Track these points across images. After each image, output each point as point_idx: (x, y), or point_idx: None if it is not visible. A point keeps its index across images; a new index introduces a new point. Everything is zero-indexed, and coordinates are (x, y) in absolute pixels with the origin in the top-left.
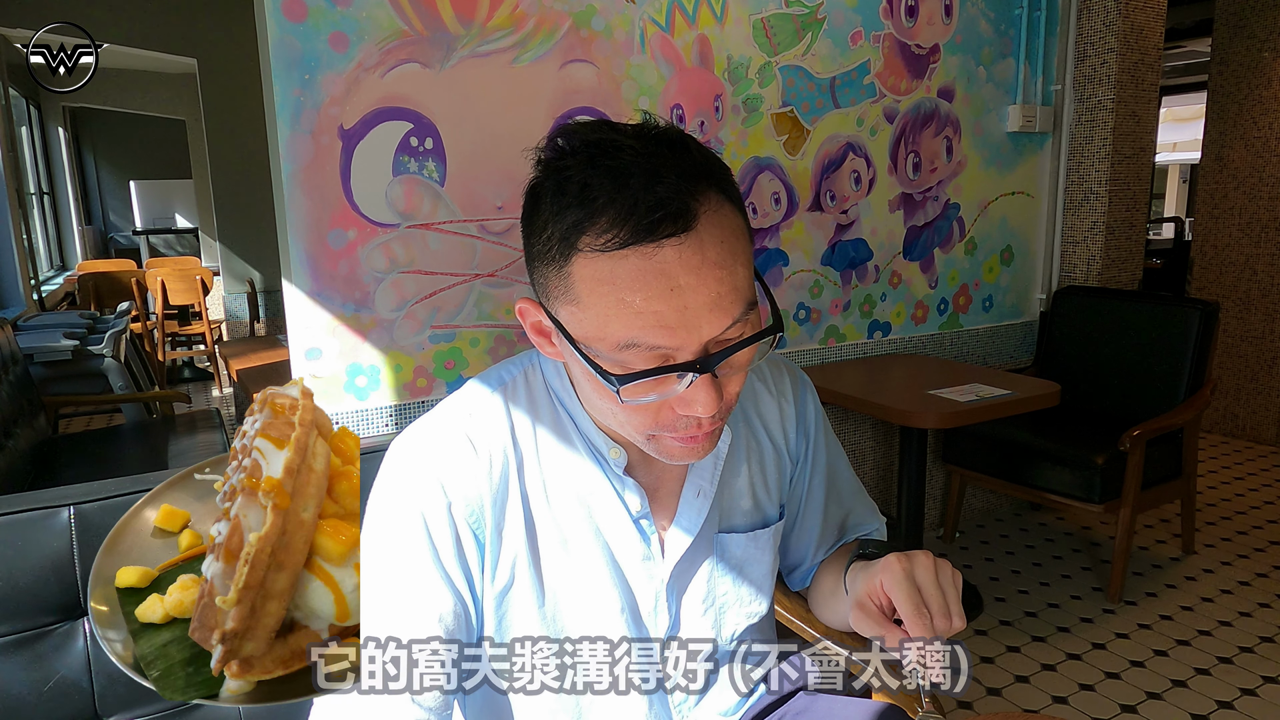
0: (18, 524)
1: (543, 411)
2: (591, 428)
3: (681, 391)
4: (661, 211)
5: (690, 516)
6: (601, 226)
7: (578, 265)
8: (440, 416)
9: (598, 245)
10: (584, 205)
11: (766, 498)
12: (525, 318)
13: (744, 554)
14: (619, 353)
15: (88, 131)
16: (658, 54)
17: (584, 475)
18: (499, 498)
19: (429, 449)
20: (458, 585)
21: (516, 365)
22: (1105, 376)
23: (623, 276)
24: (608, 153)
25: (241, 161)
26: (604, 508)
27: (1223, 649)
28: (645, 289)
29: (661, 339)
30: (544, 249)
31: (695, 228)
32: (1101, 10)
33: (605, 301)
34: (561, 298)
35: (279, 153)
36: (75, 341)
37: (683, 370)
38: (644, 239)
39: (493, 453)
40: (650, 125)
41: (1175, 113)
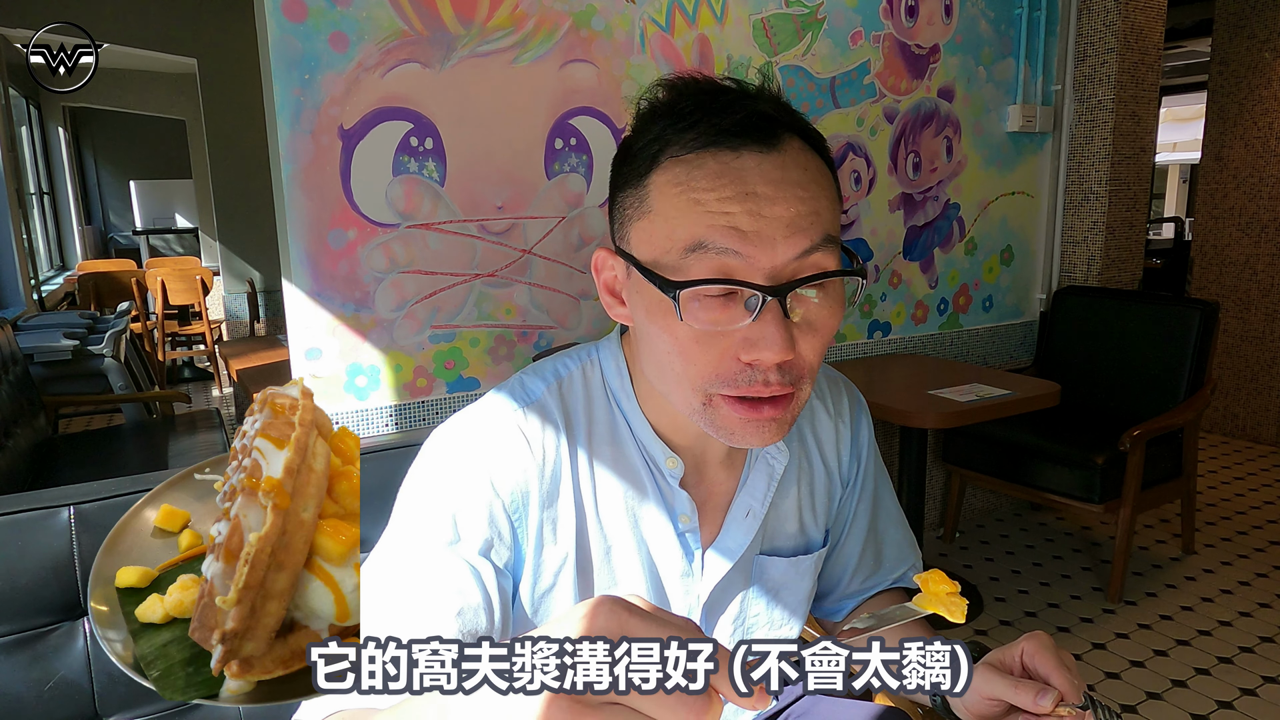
0: (18, 524)
1: (598, 411)
2: (648, 434)
3: (747, 325)
4: (746, 120)
5: (736, 537)
6: (685, 137)
7: (655, 175)
8: (492, 407)
9: (678, 152)
10: (671, 118)
11: (813, 522)
12: (599, 272)
13: (783, 578)
14: (685, 259)
15: (88, 131)
16: (658, 54)
17: (634, 483)
18: (549, 497)
19: (479, 441)
20: (488, 585)
21: (574, 360)
22: (1105, 376)
23: (698, 176)
24: (702, 81)
25: (241, 161)
26: (650, 519)
27: (1223, 649)
28: (719, 189)
29: (731, 241)
30: (628, 173)
31: (779, 148)
32: (1101, 10)
33: (677, 202)
34: (635, 214)
35: (279, 153)
36: (75, 341)
37: (752, 289)
38: (725, 142)
39: (546, 449)
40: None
41: (1175, 113)
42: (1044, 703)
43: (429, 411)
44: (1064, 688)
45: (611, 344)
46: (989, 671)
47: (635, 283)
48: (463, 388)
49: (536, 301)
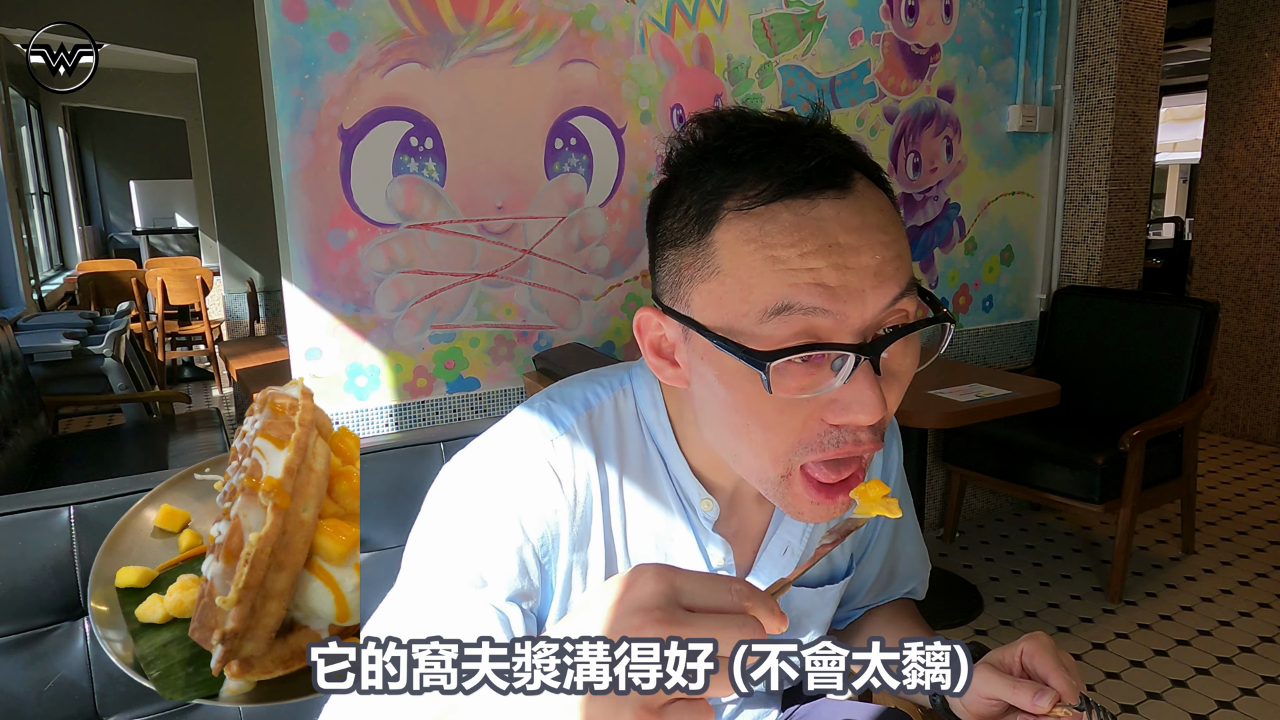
0: (18, 524)
1: (630, 445)
2: (684, 472)
3: (838, 388)
4: (818, 162)
5: (772, 575)
6: (749, 184)
7: (721, 230)
8: (519, 439)
9: (744, 203)
10: (727, 165)
11: (840, 551)
12: (643, 333)
13: (808, 607)
14: (766, 322)
15: (88, 131)
16: (658, 54)
17: (666, 519)
18: (579, 539)
19: (509, 476)
20: (515, 629)
21: (605, 388)
22: (1105, 376)
23: (774, 232)
24: (750, 119)
25: (241, 161)
26: (682, 559)
27: (1223, 649)
28: (800, 243)
29: (819, 299)
30: (679, 229)
31: (853, 189)
32: (1101, 10)
33: (752, 261)
34: (697, 276)
35: (279, 153)
36: (75, 341)
37: (844, 350)
38: (799, 191)
39: (578, 487)
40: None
41: (1175, 113)
42: (1041, 703)
43: (429, 411)
44: (1062, 688)
45: (646, 373)
46: (988, 671)
47: (698, 348)
48: (463, 388)
49: (536, 301)
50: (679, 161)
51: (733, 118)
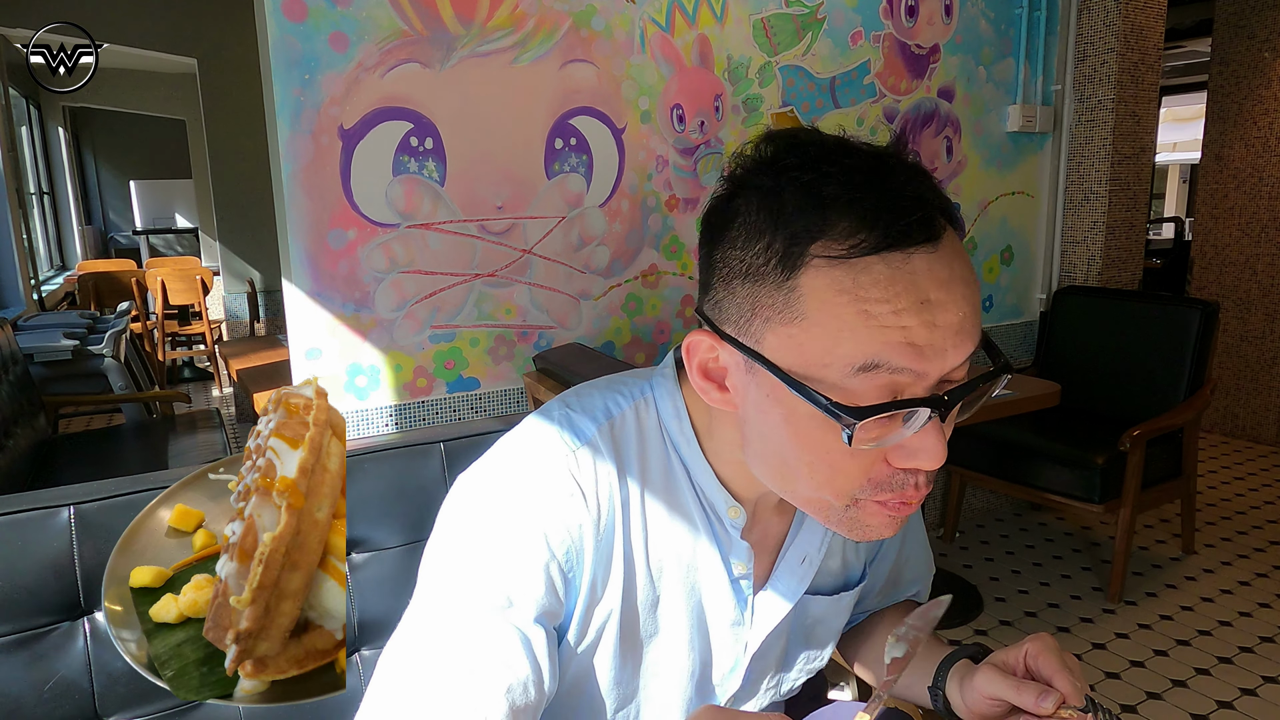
0: (18, 524)
1: (652, 456)
2: (710, 481)
3: (908, 436)
4: (915, 215)
5: (791, 584)
6: (842, 230)
7: (808, 276)
8: (540, 451)
9: (838, 251)
10: (817, 208)
11: (854, 557)
12: (693, 355)
13: (823, 615)
14: (850, 379)
15: (88, 131)
16: (658, 54)
17: (688, 531)
18: (602, 553)
19: (532, 493)
20: (538, 654)
21: (625, 397)
22: (1105, 376)
23: (868, 285)
24: (836, 155)
25: (241, 161)
26: (706, 569)
27: (1223, 649)
28: (895, 299)
29: (908, 360)
30: (757, 264)
31: (943, 240)
32: (1101, 10)
33: (843, 314)
34: (776, 318)
35: (279, 153)
36: (75, 341)
37: (926, 406)
38: (896, 245)
39: (600, 500)
40: (866, 143)
41: (1175, 113)
42: (1045, 704)
43: (429, 411)
44: (1066, 690)
45: (667, 383)
46: (992, 672)
47: (764, 384)
48: (463, 388)
49: (536, 301)
50: (751, 183)
51: (815, 148)
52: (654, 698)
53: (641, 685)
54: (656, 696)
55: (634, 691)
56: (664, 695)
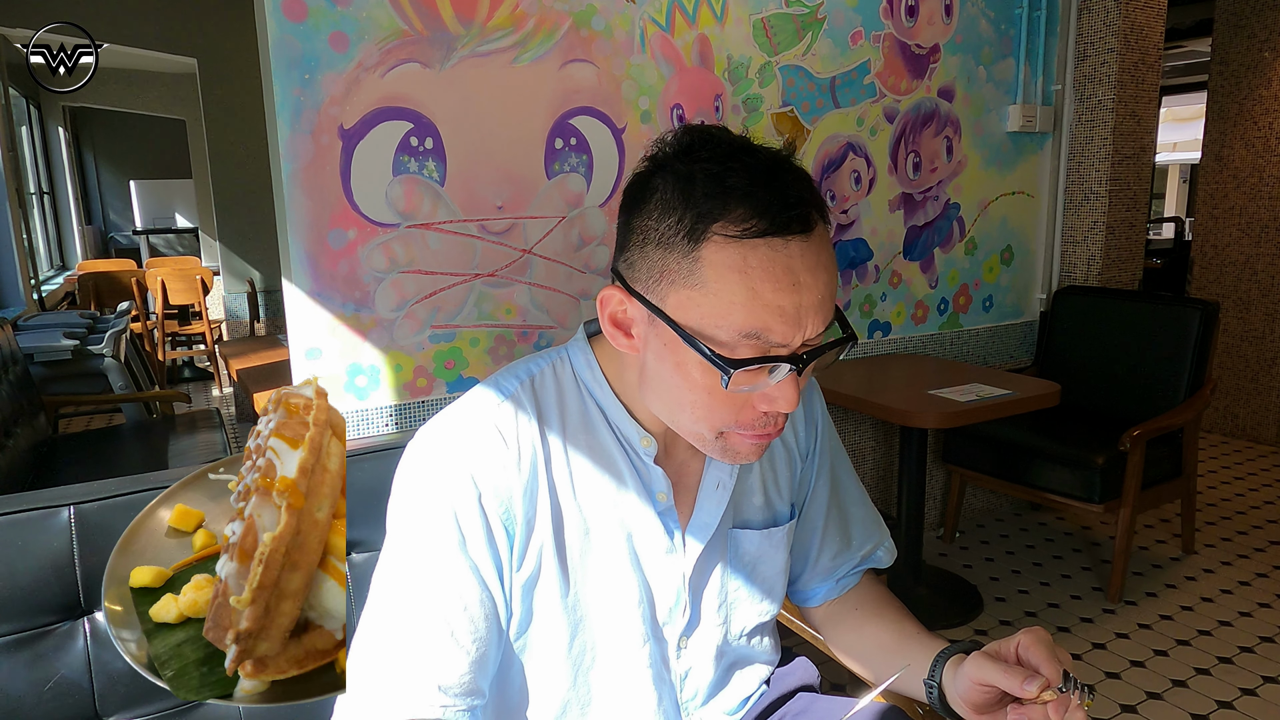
0: (18, 524)
1: (570, 403)
2: (623, 418)
3: (771, 386)
4: (795, 210)
5: (710, 510)
6: (739, 215)
7: (709, 250)
8: (468, 408)
9: (734, 231)
10: (723, 195)
11: (778, 495)
12: (605, 306)
13: (758, 551)
14: (736, 340)
15: (88, 131)
16: (658, 54)
17: (610, 465)
18: (529, 489)
19: (459, 441)
20: (486, 578)
21: (544, 359)
22: (1105, 376)
23: (755, 266)
24: (740, 154)
25: (241, 161)
26: (629, 500)
27: (1223, 649)
28: (775, 281)
29: (780, 330)
30: (667, 235)
31: (814, 232)
32: (1101, 10)
33: (735, 289)
34: (680, 281)
35: (279, 153)
36: (75, 341)
37: (787, 363)
38: (778, 232)
39: (522, 444)
40: (764, 146)
41: (1175, 113)
42: (1030, 688)
43: (429, 411)
44: (1053, 677)
45: (580, 343)
46: (983, 659)
47: (662, 335)
48: (463, 387)
49: (536, 301)
50: (668, 167)
51: (725, 145)
52: (607, 625)
53: (590, 610)
54: (609, 625)
55: (583, 616)
56: (617, 625)
